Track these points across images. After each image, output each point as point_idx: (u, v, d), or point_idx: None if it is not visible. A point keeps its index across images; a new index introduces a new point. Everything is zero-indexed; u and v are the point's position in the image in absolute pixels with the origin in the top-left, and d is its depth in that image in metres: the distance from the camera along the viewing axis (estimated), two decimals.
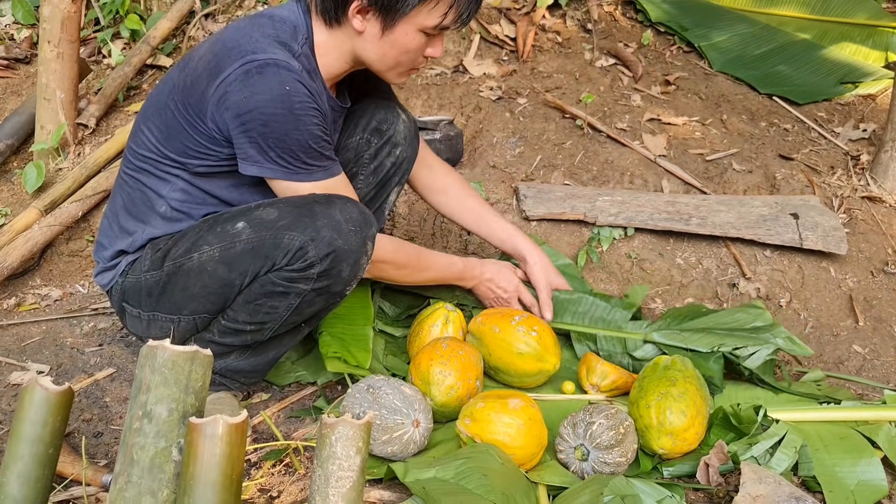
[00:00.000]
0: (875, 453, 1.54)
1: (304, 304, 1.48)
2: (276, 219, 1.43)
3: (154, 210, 1.57)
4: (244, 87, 1.40)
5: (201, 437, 0.96)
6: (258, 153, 1.44)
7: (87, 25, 3.11)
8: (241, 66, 1.40)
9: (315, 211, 1.42)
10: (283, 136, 1.42)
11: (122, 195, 1.61)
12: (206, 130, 1.47)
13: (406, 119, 1.78)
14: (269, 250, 1.42)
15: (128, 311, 1.60)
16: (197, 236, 1.49)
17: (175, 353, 1.02)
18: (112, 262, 1.60)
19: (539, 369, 1.72)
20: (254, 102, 1.39)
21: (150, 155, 1.54)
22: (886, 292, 2.31)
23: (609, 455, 1.45)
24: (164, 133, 1.52)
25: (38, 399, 1.04)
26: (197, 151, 1.50)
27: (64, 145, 2.57)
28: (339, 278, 1.46)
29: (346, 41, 1.51)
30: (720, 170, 2.69)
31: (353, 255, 1.44)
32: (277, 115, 1.40)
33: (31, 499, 1.02)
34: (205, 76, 1.45)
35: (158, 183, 1.55)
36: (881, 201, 2.60)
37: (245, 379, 1.63)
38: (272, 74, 1.40)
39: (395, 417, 1.44)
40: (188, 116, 1.47)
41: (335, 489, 1.02)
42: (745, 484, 1.36)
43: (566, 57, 3.19)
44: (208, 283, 1.48)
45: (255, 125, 1.41)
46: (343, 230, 1.42)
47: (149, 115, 1.56)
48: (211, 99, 1.43)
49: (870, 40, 3.57)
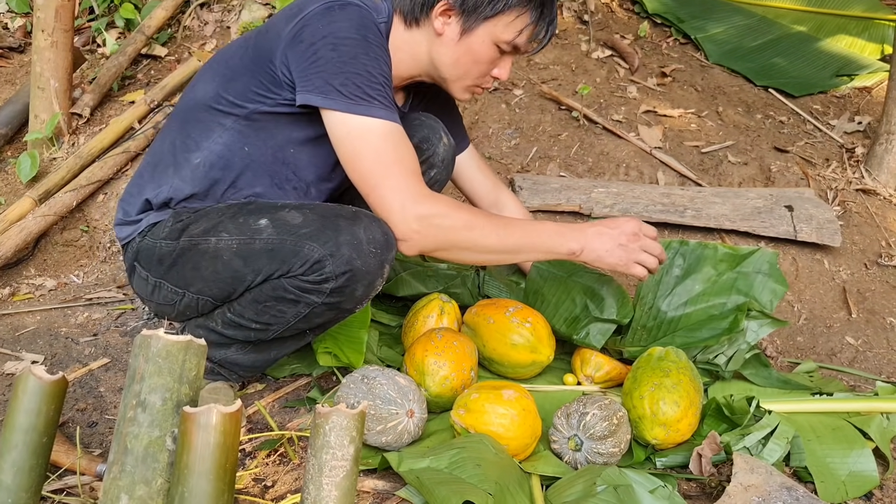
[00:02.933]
0: (866, 444, 1.54)
1: (314, 314, 1.46)
2: (300, 225, 1.41)
3: (189, 161, 1.53)
4: (322, 19, 1.41)
5: (195, 426, 0.96)
6: (322, 81, 1.40)
7: (82, 14, 3.10)
8: (324, 4, 1.42)
9: (339, 225, 1.39)
10: (352, 59, 1.40)
11: (162, 145, 1.59)
12: (270, 70, 1.46)
13: (447, 143, 1.76)
14: (287, 256, 1.40)
15: (137, 270, 1.58)
16: (218, 220, 1.47)
17: (169, 343, 1.03)
18: (135, 217, 1.57)
19: (533, 360, 1.72)
20: (329, 29, 1.40)
21: (204, 101, 1.53)
22: (880, 284, 2.32)
23: (602, 445, 1.46)
24: (227, 77, 1.52)
25: (32, 388, 1.04)
26: (255, 94, 1.49)
27: (58, 135, 2.56)
28: (351, 297, 1.43)
29: (422, 42, 1.53)
30: (715, 162, 2.69)
31: (369, 276, 1.41)
32: (350, 38, 1.40)
33: (25, 488, 1.02)
34: (283, 19, 1.47)
35: (202, 133, 1.53)
36: (875, 194, 2.61)
37: (243, 372, 1.63)
38: (354, 10, 1.42)
39: (389, 408, 1.44)
40: (256, 58, 1.48)
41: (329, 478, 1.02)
42: (737, 474, 1.37)
43: (563, 48, 3.18)
44: (220, 270, 1.46)
45: (324, 51, 1.40)
46: (364, 251, 1.39)
47: (213, 64, 1.58)
48: (285, 37, 1.43)
49: (866, 33, 3.57)
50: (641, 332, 1.84)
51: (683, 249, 1.85)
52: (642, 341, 1.82)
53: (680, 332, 1.80)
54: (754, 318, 1.77)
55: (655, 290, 1.85)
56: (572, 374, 1.78)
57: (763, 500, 1.31)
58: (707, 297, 1.82)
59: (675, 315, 1.83)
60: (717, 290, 1.82)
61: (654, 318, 1.84)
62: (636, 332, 1.84)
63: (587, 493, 1.34)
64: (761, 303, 1.79)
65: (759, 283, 1.80)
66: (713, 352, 1.76)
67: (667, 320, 1.83)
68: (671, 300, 1.84)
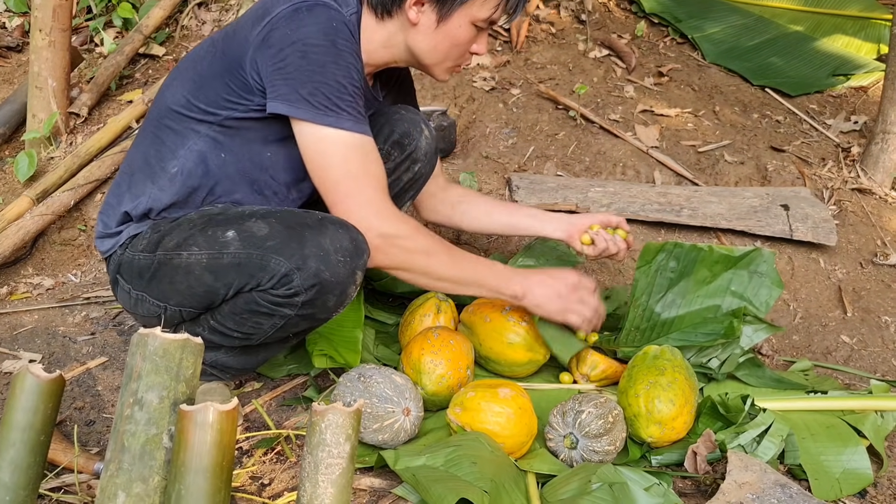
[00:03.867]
0: (861, 442, 1.55)
1: (290, 325, 1.46)
2: (266, 237, 1.38)
3: (165, 170, 1.52)
4: (290, 23, 1.38)
5: (192, 424, 0.96)
6: (290, 89, 1.38)
7: (79, 14, 3.10)
8: (291, 6, 1.39)
9: (304, 236, 1.37)
10: (320, 69, 1.38)
11: (137, 154, 1.57)
12: (240, 75, 1.44)
13: (428, 135, 1.74)
14: (255, 270, 1.38)
15: (120, 283, 1.57)
16: (189, 233, 1.45)
17: (166, 341, 1.03)
18: (115, 229, 1.56)
19: (529, 359, 1.73)
20: (297, 35, 1.37)
21: (176, 108, 1.51)
22: (875, 283, 2.33)
23: (598, 443, 1.46)
24: (197, 83, 1.50)
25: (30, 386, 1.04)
26: (226, 100, 1.47)
27: (56, 134, 2.56)
28: (324, 307, 1.42)
29: (396, 33, 1.52)
30: (712, 161, 2.70)
31: (339, 286, 1.39)
32: (319, 46, 1.37)
33: (23, 485, 1.03)
34: (250, 21, 1.44)
35: (177, 141, 1.51)
36: (871, 193, 2.61)
37: (234, 372, 1.64)
38: (321, 12, 1.39)
39: (385, 406, 1.45)
40: (226, 63, 1.46)
41: (325, 476, 1.03)
42: (731, 472, 1.38)
43: (560, 48, 3.19)
44: (193, 284, 1.45)
45: (293, 58, 1.37)
46: (331, 261, 1.36)
47: (182, 70, 1.55)
48: (254, 41, 1.41)
49: (862, 32, 3.58)
50: (635, 333, 1.84)
51: (677, 252, 1.85)
52: (636, 342, 1.82)
53: (674, 335, 1.80)
54: (749, 323, 1.77)
55: (649, 292, 1.86)
56: (568, 373, 1.79)
57: (757, 497, 1.31)
58: (701, 300, 1.82)
59: (668, 317, 1.83)
60: (711, 291, 1.82)
61: (648, 319, 1.84)
62: (630, 334, 1.84)
63: (582, 490, 1.34)
64: (756, 304, 1.79)
65: (754, 284, 1.80)
66: (706, 355, 1.76)
67: (660, 322, 1.84)
68: (665, 302, 1.84)
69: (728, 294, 1.80)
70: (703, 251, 1.83)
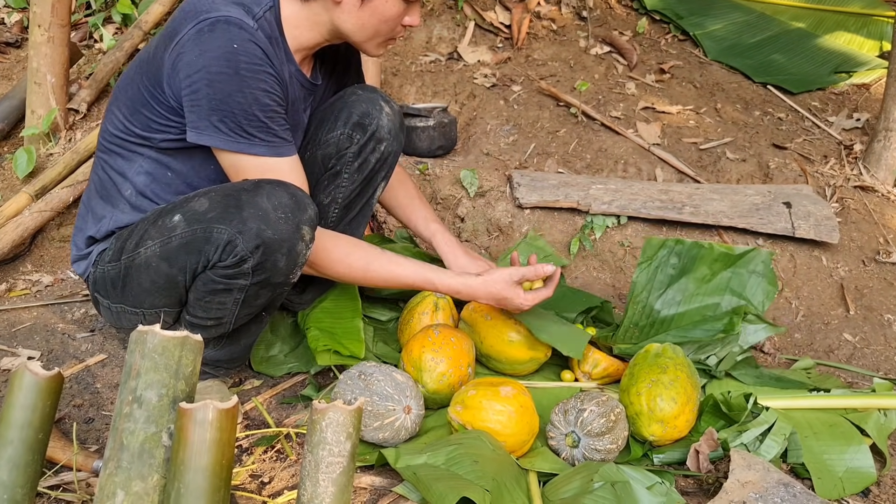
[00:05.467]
0: (864, 441, 1.55)
1: (251, 297, 1.45)
2: (207, 210, 1.37)
3: (121, 194, 1.55)
4: (195, 46, 1.36)
5: (191, 422, 0.96)
6: (200, 117, 1.38)
7: (79, 9, 3.09)
8: (195, 26, 1.36)
9: (241, 200, 1.35)
10: (226, 98, 1.36)
11: (94, 179, 1.61)
12: (164, 100, 1.44)
13: (390, 111, 1.69)
14: (201, 245, 1.38)
15: (100, 301, 1.60)
16: (144, 230, 1.46)
17: (165, 339, 1.02)
18: (86, 251, 1.60)
19: (530, 357, 1.72)
20: (202, 62, 1.35)
21: (118, 134, 1.52)
22: (877, 281, 2.32)
23: (600, 442, 1.46)
24: (130, 109, 1.50)
25: (28, 384, 1.04)
26: (159, 124, 1.47)
27: (55, 130, 2.55)
28: (276, 270, 1.40)
29: (321, 12, 1.48)
30: (714, 158, 2.69)
31: (285, 244, 1.37)
32: (222, 73, 1.35)
33: (21, 483, 1.02)
34: (163, 43, 1.43)
35: (125, 164, 1.53)
36: (873, 190, 2.61)
37: (227, 366, 1.65)
38: (222, 31, 1.35)
39: (386, 404, 1.44)
40: (150, 87, 1.45)
41: (325, 474, 1.02)
42: (734, 471, 1.37)
43: (561, 44, 3.18)
44: (155, 278, 1.45)
45: (200, 85, 1.36)
46: (271, 219, 1.34)
47: (118, 94, 1.55)
48: (167, 67, 1.40)
49: (864, 29, 3.57)
50: (633, 329, 1.83)
51: (678, 249, 1.84)
52: (634, 339, 1.81)
53: (673, 332, 1.79)
54: (750, 322, 1.77)
55: (649, 289, 1.85)
56: (570, 371, 1.78)
57: (760, 496, 1.31)
58: (701, 297, 1.82)
59: (668, 314, 1.83)
60: (710, 289, 1.82)
61: (648, 316, 1.84)
62: (628, 331, 1.83)
63: (584, 489, 1.34)
64: (754, 303, 1.78)
65: (752, 283, 1.80)
66: (705, 352, 1.75)
67: (659, 319, 1.83)
68: (665, 299, 1.84)
69: (728, 292, 1.80)
70: (704, 248, 1.83)
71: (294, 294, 1.83)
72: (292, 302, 1.84)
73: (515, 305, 1.59)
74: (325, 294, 1.83)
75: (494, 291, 1.57)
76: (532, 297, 1.59)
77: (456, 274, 1.61)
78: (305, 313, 1.80)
